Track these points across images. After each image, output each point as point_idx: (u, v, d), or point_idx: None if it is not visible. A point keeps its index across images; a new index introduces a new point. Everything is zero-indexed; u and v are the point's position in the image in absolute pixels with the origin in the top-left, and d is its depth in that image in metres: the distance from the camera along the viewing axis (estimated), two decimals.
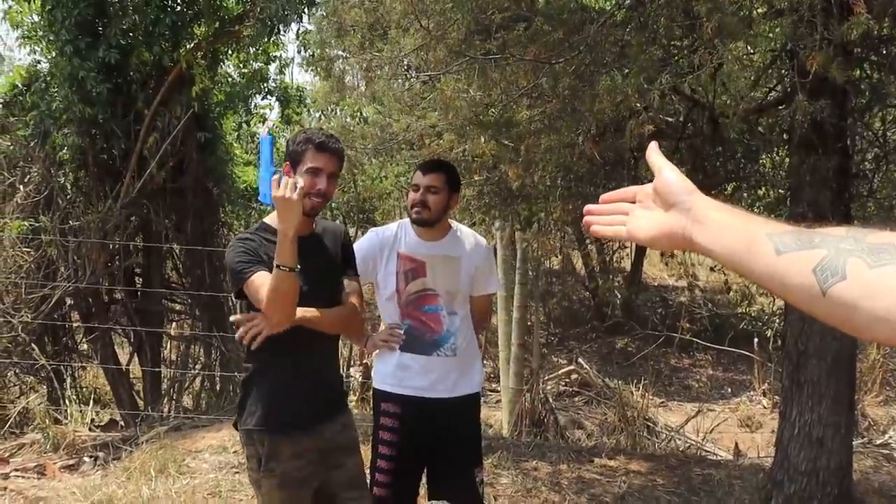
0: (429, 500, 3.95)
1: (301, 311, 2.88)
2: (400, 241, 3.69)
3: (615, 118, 3.82)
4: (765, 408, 12.09)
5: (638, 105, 3.26)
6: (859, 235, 0.94)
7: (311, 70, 6.30)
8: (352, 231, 13.07)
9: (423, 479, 3.83)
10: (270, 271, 2.86)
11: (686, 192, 1.17)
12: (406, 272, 3.65)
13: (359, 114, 9.23)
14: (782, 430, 5.48)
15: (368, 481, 3.66)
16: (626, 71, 3.20)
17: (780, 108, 4.79)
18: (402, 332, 3.63)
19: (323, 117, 10.53)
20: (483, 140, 4.44)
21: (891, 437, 10.37)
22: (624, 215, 1.29)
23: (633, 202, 1.29)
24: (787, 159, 5.78)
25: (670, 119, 5.45)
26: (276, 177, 2.74)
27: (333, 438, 3.14)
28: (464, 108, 4.17)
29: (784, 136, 5.64)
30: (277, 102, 10.09)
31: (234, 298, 3.10)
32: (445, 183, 3.59)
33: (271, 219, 3.07)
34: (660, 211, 1.21)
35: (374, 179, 10.34)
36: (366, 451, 4.62)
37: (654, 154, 1.26)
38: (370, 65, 4.66)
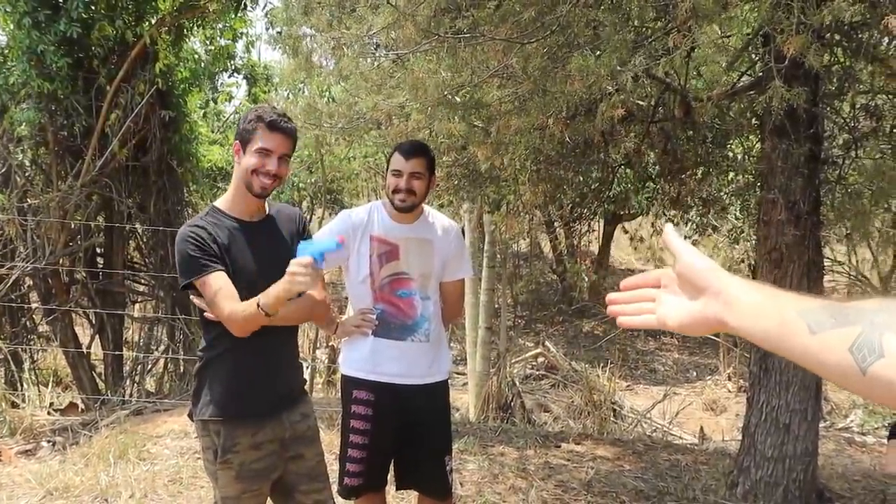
0: (398, 489, 3.89)
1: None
2: (373, 224, 3.59)
3: (587, 100, 3.74)
4: (729, 391, 12.20)
5: (610, 87, 3.18)
6: (893, 307, 0.90)
7: (279, 47, 6.15)
8: (319, 212, 12.93)
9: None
10: (222, 262, 2.76)
11: (712, 275, 1.13)
12: (380, 255, 3.55)
13: (327, 93, 9.08)
14: (749, 416, 5.47)
15: (339, 471, 3.58)
16: (599, 52, 3.13)
17: (751, 92, 4.75)
18: (374, 317, 3.55)
19: (290, 96, 10.36)
20: (453, 121, 4.34)
21: (852, 422, 10.50)
22: (650, 301, 1.26)
23: (657, 286, 1.26)
24: (759, 144, 5.75)
25: (641, 102, 5.39)
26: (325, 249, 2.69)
27: (293, 428, 3.03)
28: (433, 87, 4.06)
29: (755, 121, 5.61)
30: (244, 81, 9.91)
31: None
32: (427, 167, 3.51)
33: (223, 203, 2.95)
34: (687, 296, 1.18)
35: (342, 160, 10.20)
36: (332, 438, 4.56)
37: (671, 237, 1.22)
38: (338, 42, 4.54)
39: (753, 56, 4.67)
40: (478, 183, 6.44)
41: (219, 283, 2.72)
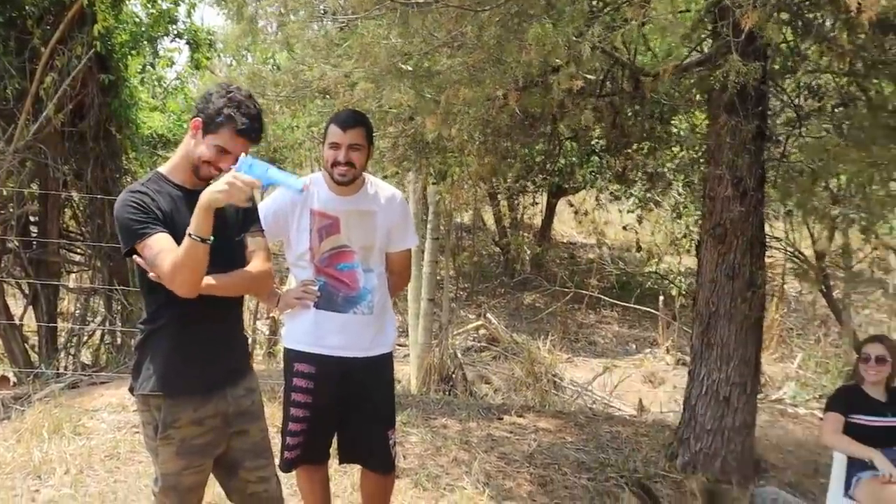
0: (340, 463, 3.84)
1: (205, 280, 2.70)
2: (312, 197, 3.50)
3: (541, 72, 3.70)
4: (668, 364, 12.35)
5: (559, 60, 3.14)
6: None
7: (222, 11, 5.99)
8: None
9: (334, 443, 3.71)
10: (168, 231, 2.66)
11: None
12: (320, 229, 3.48)
13: (271, 60, 8.90)
14: (690, 389, 5.55)
15: (280, 444, 3.52)
16: (555, 22, 3.08)
17: (700, 68, 4.76)
18: (316, 288, 3.48)
19: (234, 63, 10.14)
20: (402, 90, 4.26)
21: (785, 393, 10.74)
22: None
23: None
24: (706, 120, 5.78)
25: (590, 76, 5.37)
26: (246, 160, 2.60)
27: (236, 403, 2.94)
28: (384, 55, 3.98)
29: (703, 97, 5.63)
30: (186, 46, 9.63)
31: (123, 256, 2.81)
32: (366, 138, 3.43)
33: (167, 169, 2.84)
34: None
35: (285, 129, 10.03)
36: (273, 411, 4.49)
37: None
38: (285, 7, 4.42)
39: (703, 32, 4.67)
40: (424, 153, 6.38)
41: (161, 244, 2.61)
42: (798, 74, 4.82)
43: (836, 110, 5.69)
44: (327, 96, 5.91)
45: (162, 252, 2.60)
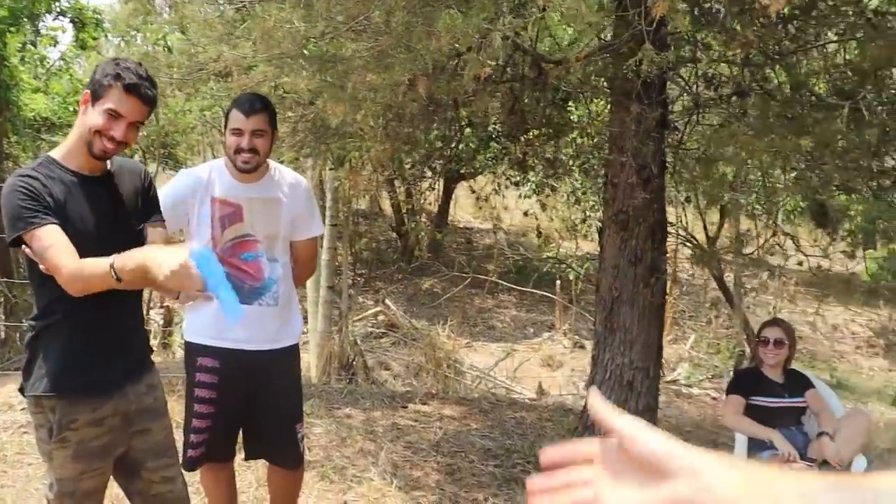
0: (245, 459, 3.71)
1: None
2: (213, 185, 3.35)
3: (450, 58, 3.64)
4: (565, 347, 12.53)
5: (473, 47, 3.08)
6: None
7: None
8: (152, 168, 12.31)
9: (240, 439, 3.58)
10: (58, 219, 2.49)
11: (684, 457, 0.82)
12: (222, 218, 3.33)
13: (163, 41, 8.56)
14: (594, 374, 5.60)
15: (183, 442, 3.37)
16: (465, 10, 3.02)
17: (604, 56, 4.77)
18: None
19: (123, 43, 9.72)
20: (305, 75, 4.13)
21: (679, 374, 11.05)
22: (581, 488, 0.88)
23: (589, 463, 0.90)
24: (608, 108, 5.82)
25: (491, 62, 5.34)
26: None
27: (138, 401, 2.78)
28: (289, 39, 3.84)
29: (606, 84, 5.67)
30: (71, 24, 9.18)
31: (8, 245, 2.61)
32: (269, 123, 3.30)
33: (60, 154, 2.65)
34: (639, 479, 0.84)
35: (178, 112, 9.70)
36: (173, 405, 4.31)
37: (612, 417, 0.89)
38: None
39: (608, 20, 4.68)
40: (323, 139, 6.24)
41: (52, 237, 2.44)
42: (702, 64, 4.88)
43: (731, 99, 5.80)
44: (223, 79, 5.71)
45: (53, 247, 2.43)
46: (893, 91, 4.68)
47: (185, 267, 2.31)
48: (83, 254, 2.52)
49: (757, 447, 4.37)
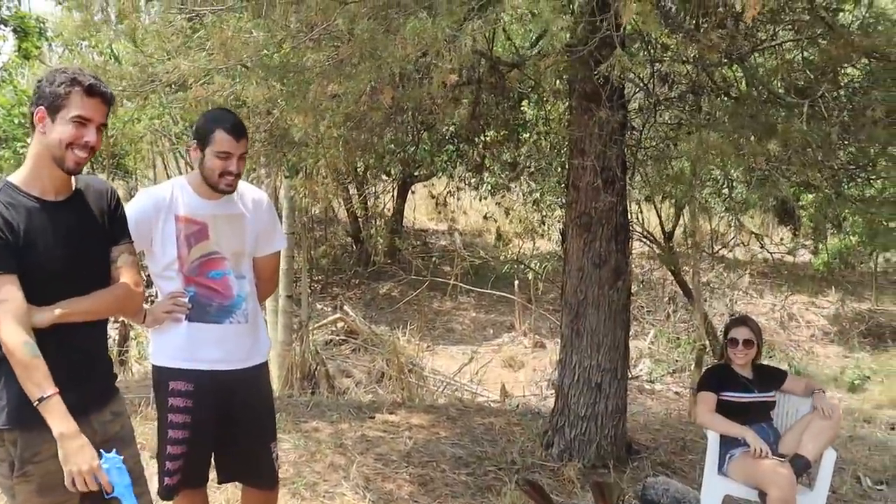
0: (219, 482, 3.62)
1: (66, 306, 2.46)
2: (177, 203, 3.25)
3: (416, 65, 3.60)
4: (526, 347, 12.56)
5: (442, 54, 3.04)
6: None
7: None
8: (101, 178, 12.03)
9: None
10: (17, 255, 2.41)
11: None
12: (188, 236, 3.24)
13: (109, 50, 8.37)
14: (562, 378, 5.59)
15: (158, 470, 3.28)
16: (432, 16, 2.97)
17: (566, 60, 4.76)
18: (186, 300, 3.24)
19: (68, 53, 9.50)
20: (264, 85, 4.05)
21: (641, 370, 11.13)
22: None
23: None
24: (568, 111, 5.82)
25: (457, 68, 5.31)
26: None
27: (103, 430, 2.67)
28: (252, 49, 3.77)
29: (566, 88, 5.65)
30: (13, 34, 8.94)
31: None
32: (247, 144, 3.24)
33: (19, 179, 2.53)
34: None
35: (126, 122, 9.51)
36: (137, 427, 4.21)
37: None
38: None
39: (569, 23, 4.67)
40: (281, 148, 6.17)
41: (8, 292, 2.38)
42: (663, 65, 4.90)
43: (688, 97, 5.84)
44: (176, 90, 5.61)
45: (4, 304, 2.36)
46: (850, 88, 4.75)
47: (95, 466, 2.48)
48: (49, 285, 2.44)
49: (729, 445, 4.39)
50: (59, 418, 2.43)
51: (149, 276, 3.47)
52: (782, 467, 4.14)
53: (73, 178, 2.61)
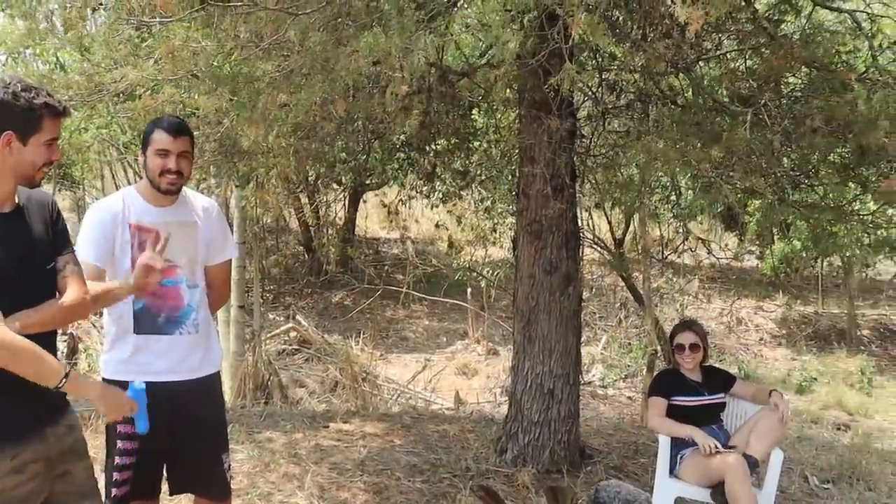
0: (171, 494, 3.60)
1: (23, 318, 2.43)
2: (129, 211, 3.24)
3: (369, 77, 3.62)
4: (479, 355, 12.60)
5: (395, 68, 3.07)
6: None
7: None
8: (47, 188, 11.86)
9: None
10: None
11: None
12: (141, 243, 3.22)
13: (54, 59, 8.26)
14: (515, 384, 5.63)
15: (105, 482, 3.24)
16: (384, 30, 2.99)
17: (515, 70, 4.81)
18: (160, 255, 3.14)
19: (11, 61, 9.32)
20: (213, 95, 4.04)
21: (594, 376, 11.23)
22: None
23: None
24: (517, 120, 5.87)
25: (399, 75, 5.33)
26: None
27: (59, 443, 2.65)
28: (192, 59, 3.75)
29: (515, 96, 5.71)
30: None
31: None
32: (191, 145, 3.23)
33: None
34: None
35: (73, 131, 9.36)
36: (88, 440, 4.15)
37: None
38: (85, 3, 4.08)
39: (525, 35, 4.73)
40: (231, 158, 6.14)
41: None
42: (610, 73, 4.98)
43: (635, 105, 5.93)
44: (124, 100, 5.56)
45: None
46: (792, 97, 4.87)
47: (125, 401, 2.73)
48: (1, 296, 2.40)
49: (679, 445, 4.47)
50: (83, 386, 2.61)
51: None
52: (730, 456, 4.22)
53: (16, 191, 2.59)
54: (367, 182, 14.04)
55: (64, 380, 2.44)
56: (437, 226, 14.18)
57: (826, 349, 13.91)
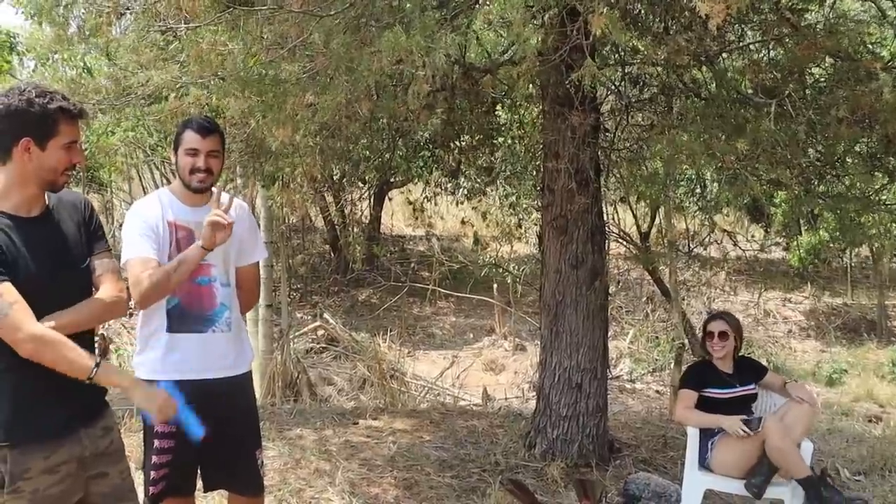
0: (205, 490, 3.65)
1: (57, 319, 2.48)
2: (166, 210, 3.30)
3: (392, 77, 3.65)
4: (506, 350, 12.60)
5: (418, 67, 3.10)
6: None
7: (24, 12, 5.58)
8: (76, 191, 11.95)
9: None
10: (7, 271, 2.43)
11: None
12: (178, 240, 3.28)
13: (82, 64, 8.37)
14: (543, 379, 5.65)
15: (143, 480, 3.30)
16: (408, 29, 3.03)
17: (538, 66, 4.83)
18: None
19: (40, 67, 9.45)
20: (240, 97, 4.10)
21: (622, 370, 11.21)
22: None
23: None
24: (541, 115, 5.89)
25: (422, 73, 5.37)
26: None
27: (93, 445, 2.68)
28: (219, 61, 3.81)
29: (538, 92, 5.72)
30: None
31: None
32: (221, 145, 3.28)
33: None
34: None
35: (101, 134, 9.48)
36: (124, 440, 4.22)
37: None
38: (114, 10, 4.15)
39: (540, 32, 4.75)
40: (255, 158, 6.20)
41: (13, 293, 2.39)
42: (634, 68, 4.99)
43: (659, 99, 5.93)
44: (153, 102, 5.63)
45: (16, 304, 2.38)
46: (816, 88, 4.85)
47: (165, 399, 2.77)
48: (31, 301, 2.44)
49: (709, 435, 4.47)
50: (115, 375, 2.70)
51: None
52: (767, 420, 4.24)
53: (46, 195, 2.64)
54: (392, 180, 14.09)
55: (95, 369, 2.49)
56: (462, 222, 14.18)
57: (856, 341, 13.78)
